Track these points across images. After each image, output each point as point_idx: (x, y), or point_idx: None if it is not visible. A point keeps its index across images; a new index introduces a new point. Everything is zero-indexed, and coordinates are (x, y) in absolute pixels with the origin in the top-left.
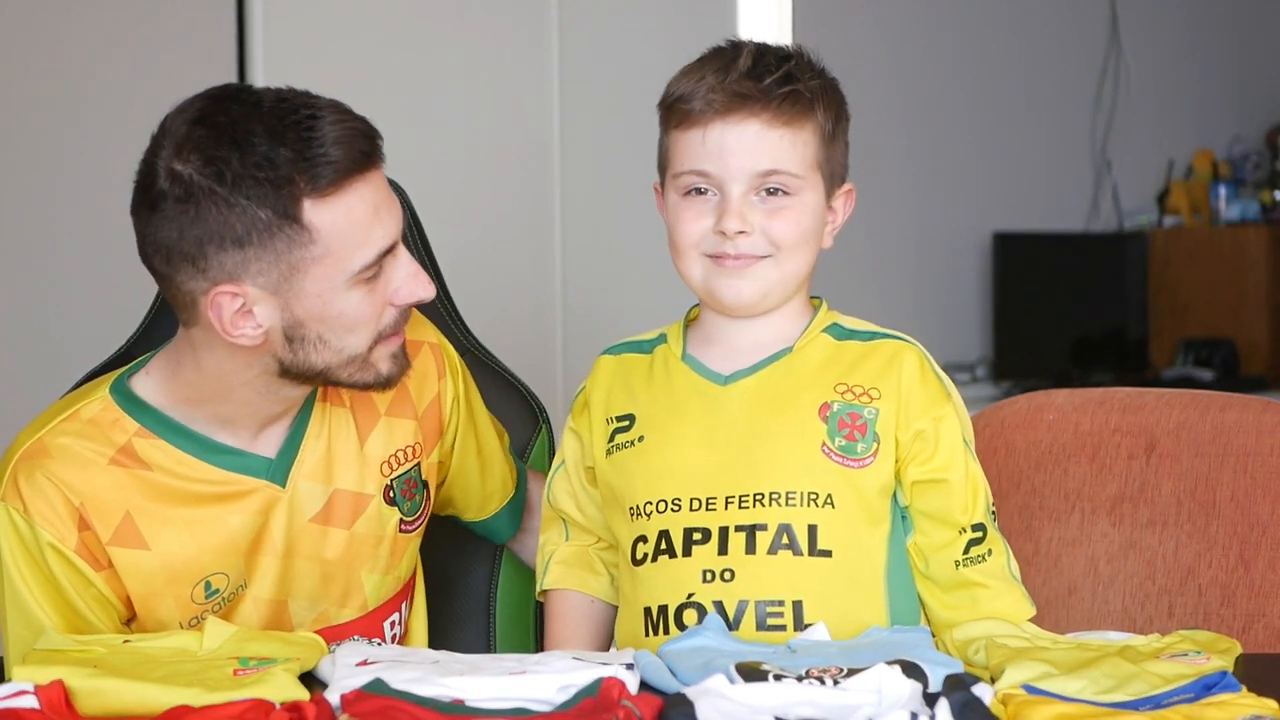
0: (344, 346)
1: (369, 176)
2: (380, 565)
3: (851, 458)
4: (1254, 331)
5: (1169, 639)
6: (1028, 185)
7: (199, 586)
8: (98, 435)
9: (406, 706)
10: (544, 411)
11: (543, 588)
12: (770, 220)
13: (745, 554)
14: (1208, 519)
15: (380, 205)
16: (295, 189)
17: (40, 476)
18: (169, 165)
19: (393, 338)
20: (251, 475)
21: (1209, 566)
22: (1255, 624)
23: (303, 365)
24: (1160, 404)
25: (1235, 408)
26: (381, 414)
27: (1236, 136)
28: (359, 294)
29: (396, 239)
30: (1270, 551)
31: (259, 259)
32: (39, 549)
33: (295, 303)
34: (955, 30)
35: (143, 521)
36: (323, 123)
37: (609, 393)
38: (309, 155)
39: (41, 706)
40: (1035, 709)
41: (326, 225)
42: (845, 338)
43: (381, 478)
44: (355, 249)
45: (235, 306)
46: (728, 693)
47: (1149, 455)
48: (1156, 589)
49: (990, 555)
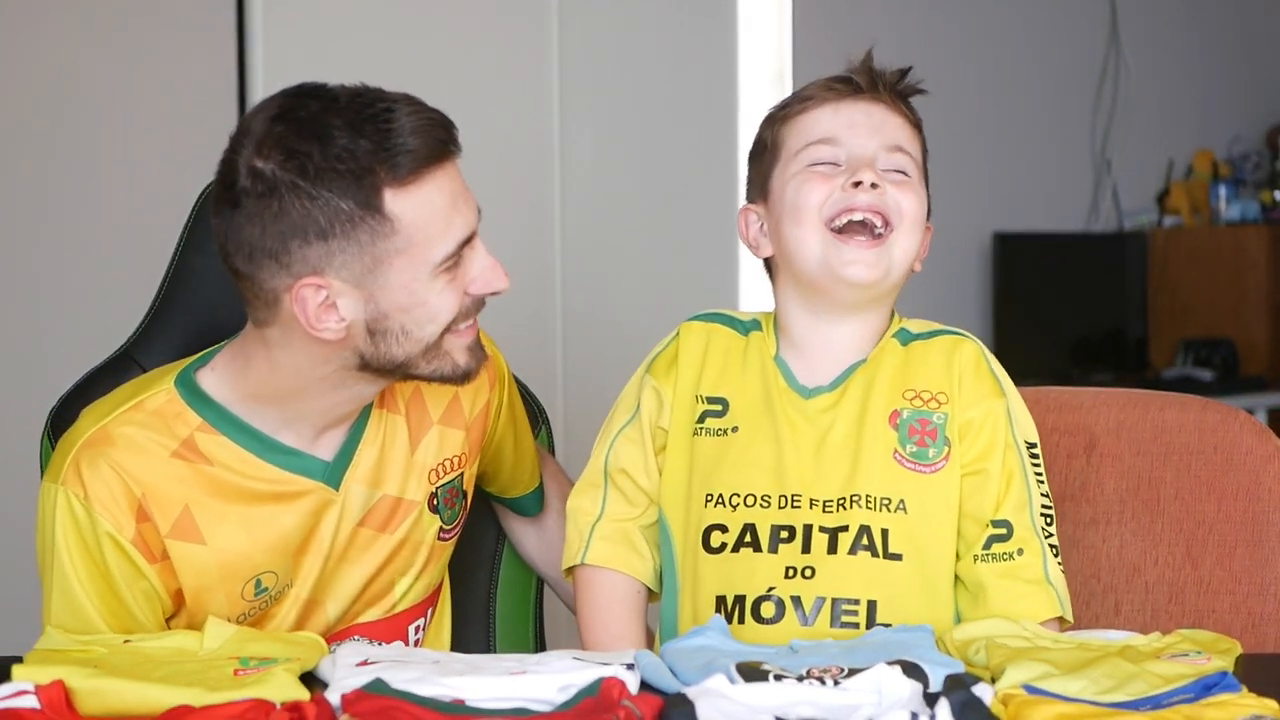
0: (424, 336)
1: (446, 166)
2: (415, 570)
3: (924, 463)
4: (1254, 332)
5: (1169, 639)
6: (1028, 185)
7: (250, 584)
8: (161, 427)
9: (407, 706)
10: (544, 412)
11: (583, 560)
12: (897, 190)
13: (827, 554)
14: (1152, 517)
15: (458, 195)
16: (376, 179)
17: (103, 464)
18: (250, 163)
19: (466, 330)
20: (308, 476)
21: (1155, 564)
22: (1205, 621)
23: (384, 358)
24: (1098, 403)
25: (1175, 407)
26: (434, 422)
27: (1236, 136)
28: (441, 283)
29: (474, 229)
30: (1217, 548)
31: (343, 251)
32: (95, 537)
33: (381, 295)
34: (955, 31)
35: (201, 516)
36: (399, 114)
37: (700, 367)
38: (388, 145)
39: (42, 706)
40: (1035, 709)
41: (408, 215)
42: (910, 340)
43: (428, 485)
44: (437, 239)
45: (320, 300)
46: (728, 693)
47: (1089, 454)
48: (1102, 587)
49: (1020, 555)
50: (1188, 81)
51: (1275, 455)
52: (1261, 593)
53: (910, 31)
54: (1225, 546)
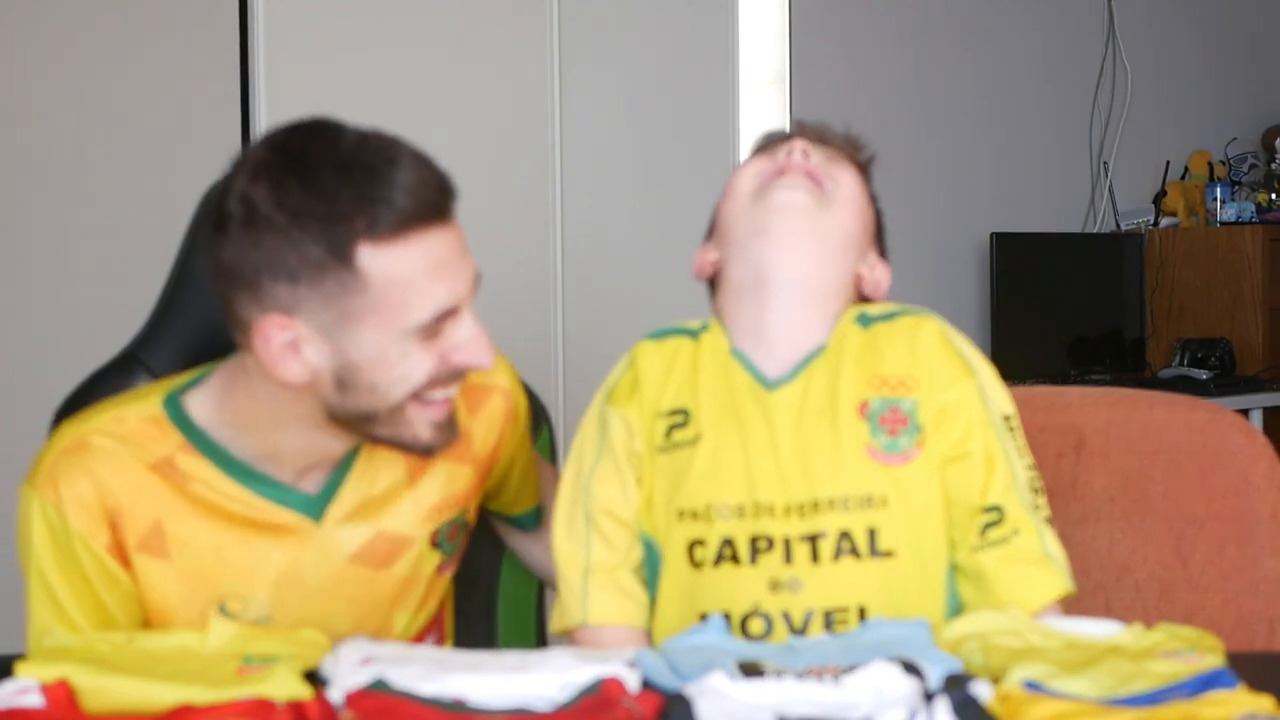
0: (391, 396)
1: (435, 230)
2: (413, 605)
3: (896, 454)
4: (1250, 331)
5: (1156, 636)
6: (1025, 186)
7: (213, 606)
8: (141, 441)
9: (408, 705)
10: (545, 412)
11: (585, 621)
12: (830, 165)
13: (810, 563)
14: (1141, 515)
15: (447, 262)
16: (352, 228)
17: (78, 472)
18: (241, 188)
19: (438, 404)
20: (288, 507)
21: (1145, 561)
22: (1195, 618)
23: (350, 410)
24: (1086, 402)
25: (1163, 406)
26: (439, 458)
27: (1233, 138)
28: (415, 348)
29: (460, 301)
30: (1206, 546)
31: (309, 299)
32: (69, 542)
33: (350, 349)
34: (953, 32)
35: (171, 531)
36: (397, 168)
37: (660, 382)
38: (372, 196)
39: (47, 704)
40: (1033, 707)
41: (379, 274)
42: (871, 323)
43: (430, 523)
44: (412, 305)
45: (285, 339)
46: (728, 691)
47: (1078, 453)
48: (1092, 584)
49: (1017, 536)
50: (1184, 83)
51: (1263, 454)
52: (1250, 590)
53: (907, 33)
54: (1214, 544)
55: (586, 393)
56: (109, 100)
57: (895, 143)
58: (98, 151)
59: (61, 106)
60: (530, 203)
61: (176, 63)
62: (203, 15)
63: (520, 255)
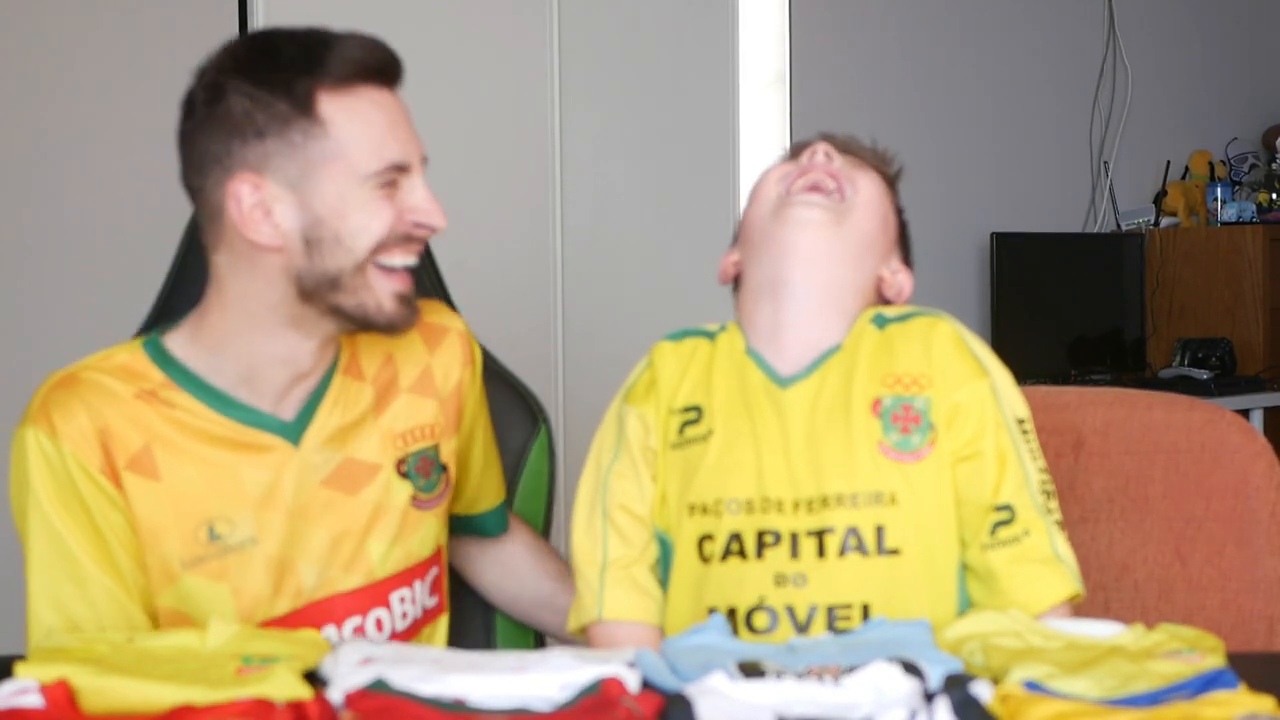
0: (355, 249)
1: (385, 90)
2: (388, 535)
3: (908, 452)
4: (1250, 331)
5: (1156, 636)
6: (1026, 186)
7: (203, 528)
8: (126, 376)
9: (408, 705)
10: (543, 411)
11: (600, 616)
12: (852, 168)
13: (817, 558)
14: (1141, 515)
15: (397, 123)
16: (312, 81)
17: (70, 400)
18: (204, 80)
19: (397, 274)
20: (267, 431)
21: (1144, 562)
22: (1194, 618)
23: (318, 272)
24: (1084, 402)
25: (1162, 406)
26: (403, 390)
27: (1233, 138)
28: (374, 198)
29: (414, 162)
30: (1206, 546)
31: (278, 152)
32: (65, 470)
33: (314, 200)
34: (953, 32)
35: (160, 454)
36: (348, 37)
37: (676, 381)
38: (327, 54)
39: (46, 704)
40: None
41: (339, 121)
42: (886, 324)
43: (395, 450)
44: (368, 153)
45: (255, 199)
46: (728, 691)
47: (1077, 453)
48: (1091, 584)
49: (1027, 536)
50: (1185, 83)
51: (1262, 453)
52: (1250, 590)
53: (907, 33)
54: (1214, 544)
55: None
56: (109, 100)
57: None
58: (97, 151)
59: (61, 106)
60: (530, 202)
61: (176, 63)
62: (203, 15)
63: (520, 255)
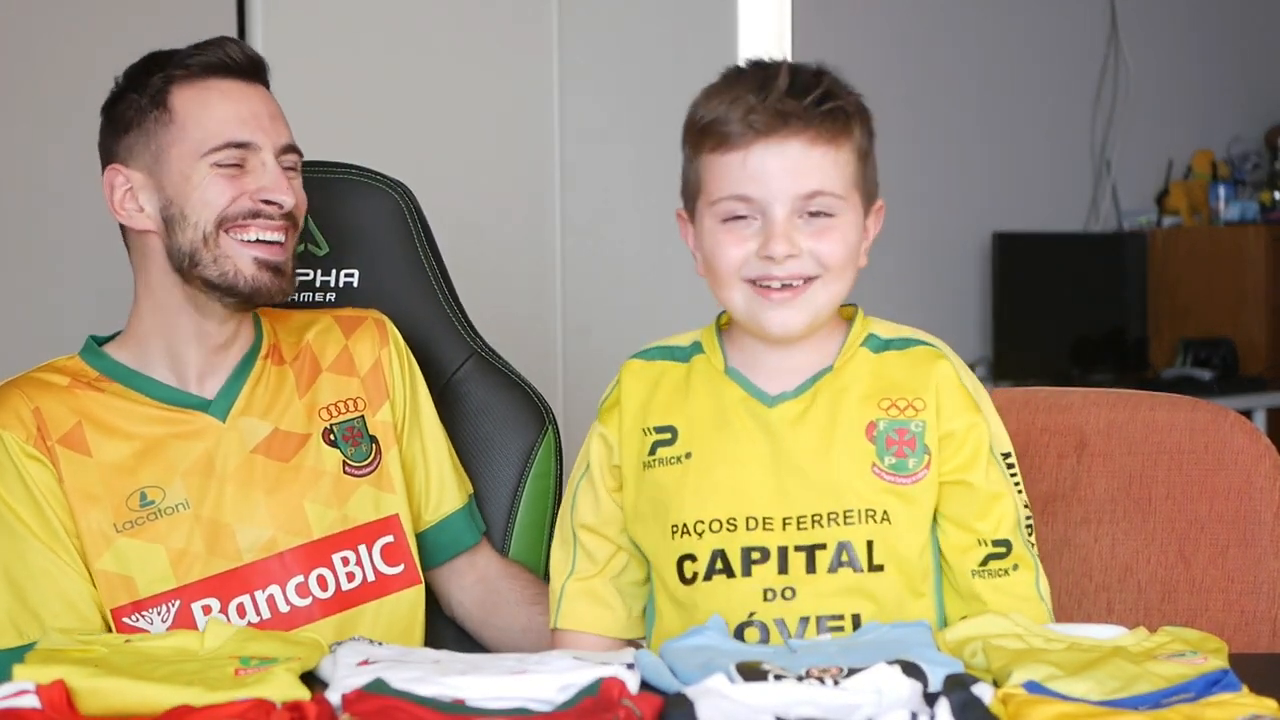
0: (201, 223)
1: (242, 84)
2: (322, 497)
3: (904, 475)
4: (1253, 331)
5: (1159, 638)
6: (1027, 185)
7: (135, 495)
8: (64, 374)
9: (407, 706)
10: (550, 413)
11: (556, 625)
12: (817, 242)
13: (806, 573)
14: (1144, 516)
15: (253, 113)
16: (167, 77)
17: (10, 393)
18: None
19: (253, 244)
20: (194, 410)
21: (1148, 563)
22: (1197, 619)
23: (182, 253)
24: (1087, 403)
25: (1165, 407)
26: (324, 369)
27: (1236, 137)
28: (213, 174)
29: (263, 144)
30: (1209, 548)
31: (136, 143)
32: (8, 456)
33: (165, 181)
34: (955, 30)
35: (90, 431)
36: (213, 42)
37: (645, 400)
38: (189, 57)
39: (43, 706)
40: (1035, 708)
41: (184, 108)
42: (882, 349)
43: (320, 421)
44: (207, 133)
45: (124, 187)
46: (728, 692)
47: (1080, 454)
48: (1094, 586)
49: (1015, 571)
50: (1187, 82)
51: (1266, 454)
52: (1254, 591)
53: (909, 32)
54: (1217, 546)
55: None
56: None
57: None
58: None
59: (60, 106)
60: (530, 203)
61: None
62: (200, 14)
63: (520, 255)
